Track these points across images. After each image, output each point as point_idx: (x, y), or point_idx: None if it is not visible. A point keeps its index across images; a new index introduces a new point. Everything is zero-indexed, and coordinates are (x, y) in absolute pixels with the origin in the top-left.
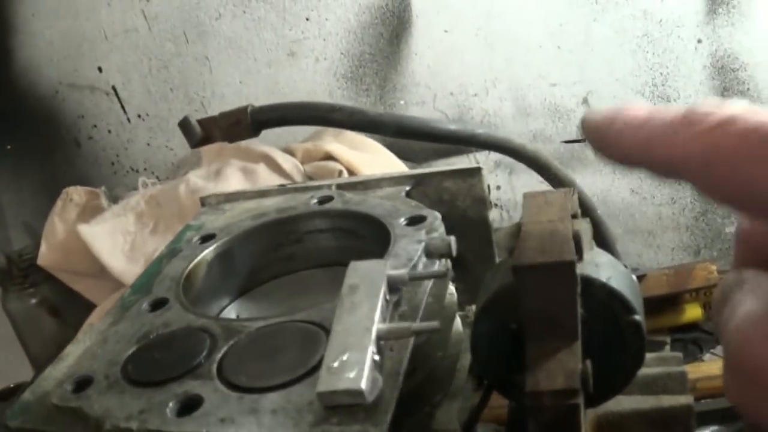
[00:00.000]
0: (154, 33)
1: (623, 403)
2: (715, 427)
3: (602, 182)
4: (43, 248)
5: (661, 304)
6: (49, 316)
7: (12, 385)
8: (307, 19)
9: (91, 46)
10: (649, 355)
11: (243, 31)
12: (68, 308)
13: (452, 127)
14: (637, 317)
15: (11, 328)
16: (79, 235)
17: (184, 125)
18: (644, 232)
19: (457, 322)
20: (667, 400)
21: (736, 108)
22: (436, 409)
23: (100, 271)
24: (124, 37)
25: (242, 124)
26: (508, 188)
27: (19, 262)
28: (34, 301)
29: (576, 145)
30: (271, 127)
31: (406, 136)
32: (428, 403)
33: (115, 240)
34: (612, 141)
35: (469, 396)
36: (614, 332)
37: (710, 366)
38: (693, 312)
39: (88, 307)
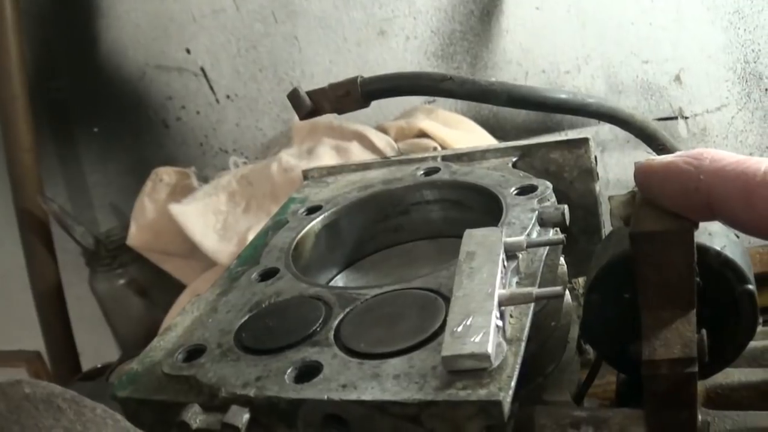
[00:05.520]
0: (242, 13)
1: (733, 375)
2: None
3: None
4: (133, 229)
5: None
6: (137, 297)
7: (99, 365)
8: None
9: (179, 27)
10: None
11: (332, 10)
12: (156, 288)
13: (563, 96)
14: (751, 287)
15: (99, 308)
16: (169, 215)
17: (294, 97)
18: None
19: (566, 293)
20: None
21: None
22: (547, 380)
23: (190, 251)
24: (212, 17)
25: (352, 95)
26: (600, 165)
27: (107, 243)
28: (121, 281)
29: (668, 122)
30: (382, 98)
31: (517, 105)
32: (541, 374)
33: (207, 219)
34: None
35: (577, 369)
36: (728, 302)
37: None
38: None
39: (176, 287)
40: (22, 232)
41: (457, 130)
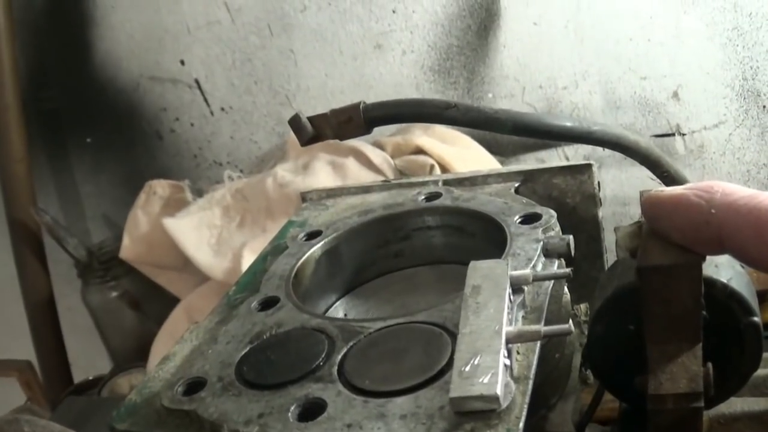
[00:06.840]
0: (237, 25)
1: (735, 404)
2: None
3: (691, 177)
4: (126, 241)
5: None
6: (130, 309)
7: (91, 378)
8: (394, 11)
9: (173, 39)
10: None
11: (328, 23)
12: (149, 301)
13: (567, 123)
14: (756, 319)
15: (91, 320)
16: (163, 229)
17: (295, 122)
18: None
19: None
20: None
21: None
22: (550, 411)
23: (184, 265)
24: (206, 29)
25: (354, 122)
26: None
27: (99, 254)
28: (114, 294)
29: (666, 139)
30: (384, 124)
31: (521, 133)
32: (544, 405)
33: (201, 233)
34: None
35: (579, 397)
36: (732, 333)
37: None
38: None
39: (169, 300)
40: (15, 243)
41: (454, 146)
